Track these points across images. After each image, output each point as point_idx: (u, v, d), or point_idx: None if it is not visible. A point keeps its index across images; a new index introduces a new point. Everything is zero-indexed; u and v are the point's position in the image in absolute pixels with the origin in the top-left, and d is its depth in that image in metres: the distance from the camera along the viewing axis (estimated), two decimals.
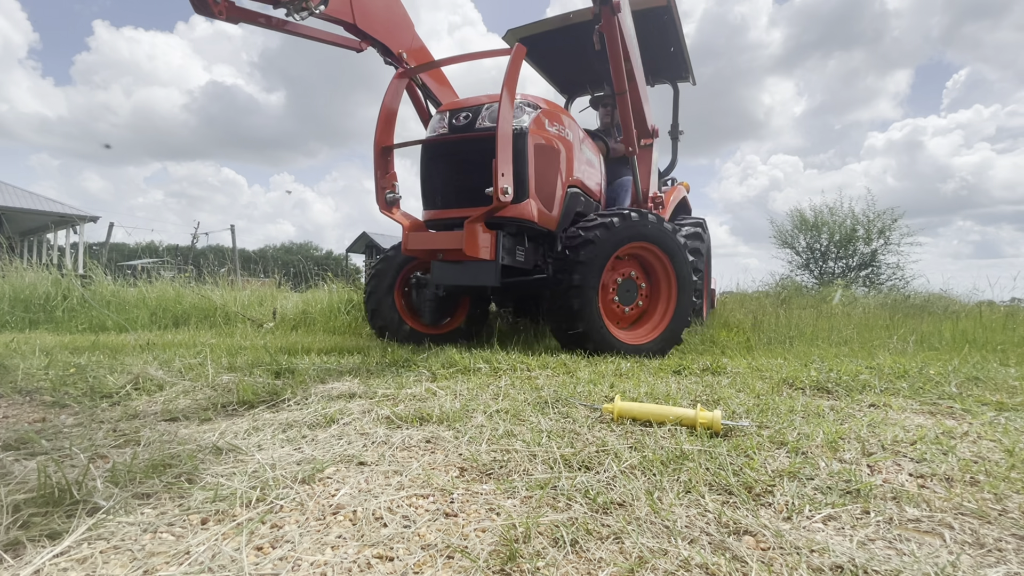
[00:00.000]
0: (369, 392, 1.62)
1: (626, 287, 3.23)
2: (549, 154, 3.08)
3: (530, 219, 2.95)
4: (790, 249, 17.68)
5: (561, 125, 3.21)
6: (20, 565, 0.65)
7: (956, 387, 1.82)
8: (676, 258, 3.27)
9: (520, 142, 2.89)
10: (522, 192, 2.88)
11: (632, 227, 3.06)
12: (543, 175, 3.04)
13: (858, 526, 0.83)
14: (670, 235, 3.22)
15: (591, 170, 3.63)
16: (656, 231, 3.16)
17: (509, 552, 0.71)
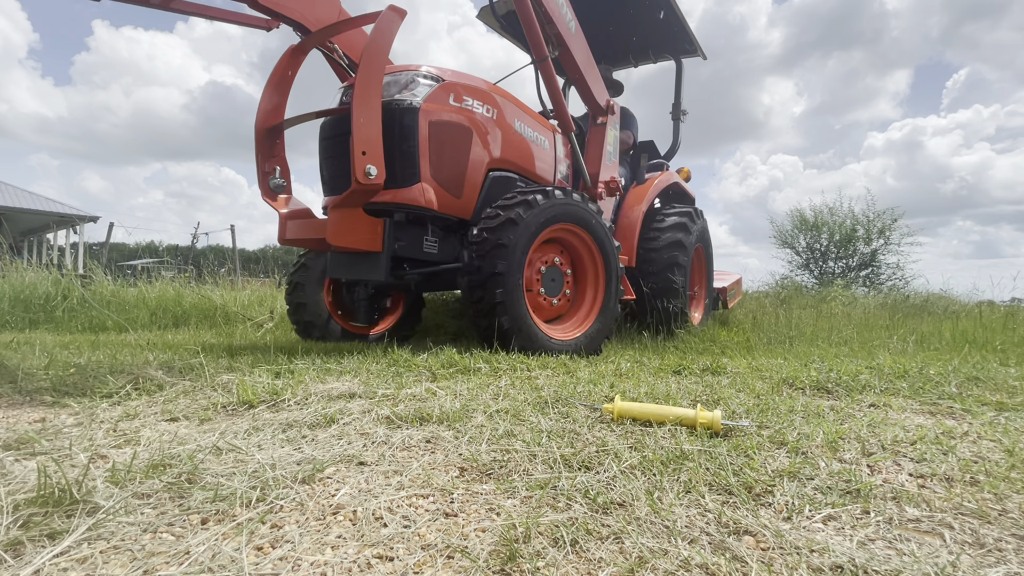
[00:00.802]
0: (369, 392, 1.62)
1: (551, 276, 2.91)
2: (454, 133, 2.75)
3: (422, 205, 2.63)
4: (790, 249, 17.69)
5: (476, 101, 2.85)
6: (20, 565, 0.65)
7: (956, 387, 1.82)
8: (604, 244, 3.00)
9: (408, 118, 2.60)
10: (411, 175, 2.60)
11: (557, 206, 2.75)
12: (445, 156, 2.72)
13: (858, 526, 0.83)
14: (597, 217, 2.96)
15: (538, 153, 3.28)
16: (583, 212, 2.87)
17: (509, 552, 0.71)
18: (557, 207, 2.75)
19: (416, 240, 2.83)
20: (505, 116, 3.04)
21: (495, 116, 2.96)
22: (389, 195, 2.59)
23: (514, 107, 3.11)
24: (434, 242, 2.92)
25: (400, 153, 2.61)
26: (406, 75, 2.71)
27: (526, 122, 3.21)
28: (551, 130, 3.44)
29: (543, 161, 3.34)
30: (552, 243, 2.94)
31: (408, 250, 2.78)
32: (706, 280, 4.82)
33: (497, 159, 2.98)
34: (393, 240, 2.68)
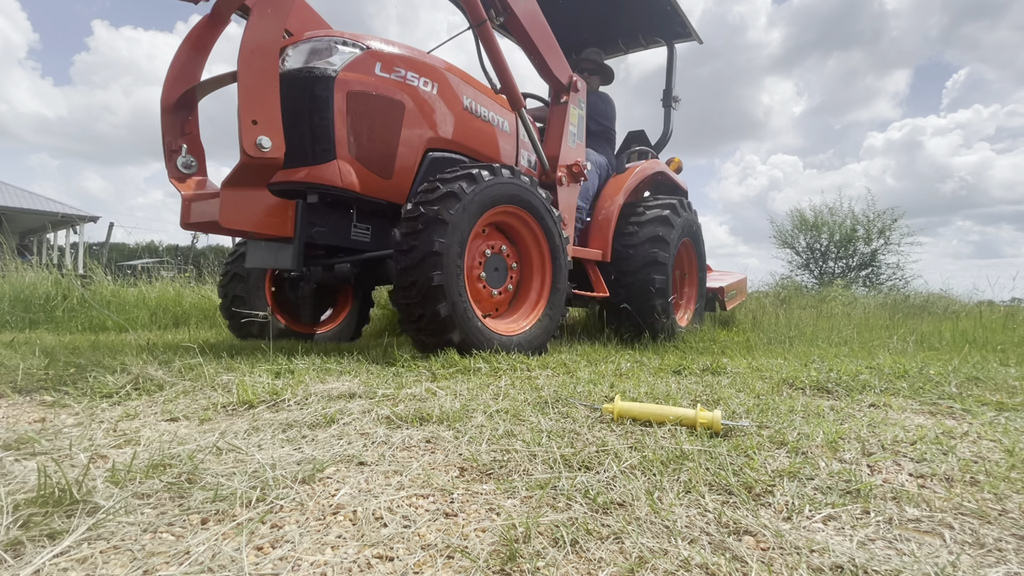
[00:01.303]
0: (369, 392, 1.62)
1: (494, 264, 2.61)
2: (382, 107, 2.45)
3: (339, 185, 2.35)
4: (790, 249, 17.71)
5: (411, 72, 2.54)
6: (20, 565, 0.65)
7: (956, 387, 1.82)
8: (551, 233, 2.72)
9: (321, 88, 2.32)
10: (324, 151, 2.33)
11: (505, 185, 2.47)
12: (370, 133, 2.42)
13: (858, 526, 0.83)
14: (547, 203, 2.70)
15: (495, 136, 3.00)
16: (531, 195, 2.60)
17: (509, 552, 0.71)
18: (505, 186, 2.48)
19: (341, 226, 2.56)
20: (450, 92, 2.72)
21: (435, 91, 2.64)
22: (302, 173, 2.33)
23: (464, 83, 2.81)
24: (365, 229, 2.66)
25: (312, 127, 2.33)
26: (323, 41, 2.42)
27: (480, 101, 2.91)
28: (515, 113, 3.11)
29: (502, 145, 3.06)
30: (495, 229, 2.68)
31: (331, 237, 2.52)
32: (696, 278, 4.38)
33: (438, 139, 2.68)
34: (308, 225, 2.41)
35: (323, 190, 2.41)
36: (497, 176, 2.46)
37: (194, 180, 2.52)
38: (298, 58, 2.38)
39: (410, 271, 2.22)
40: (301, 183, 2.36)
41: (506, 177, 2.50)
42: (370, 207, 2.65)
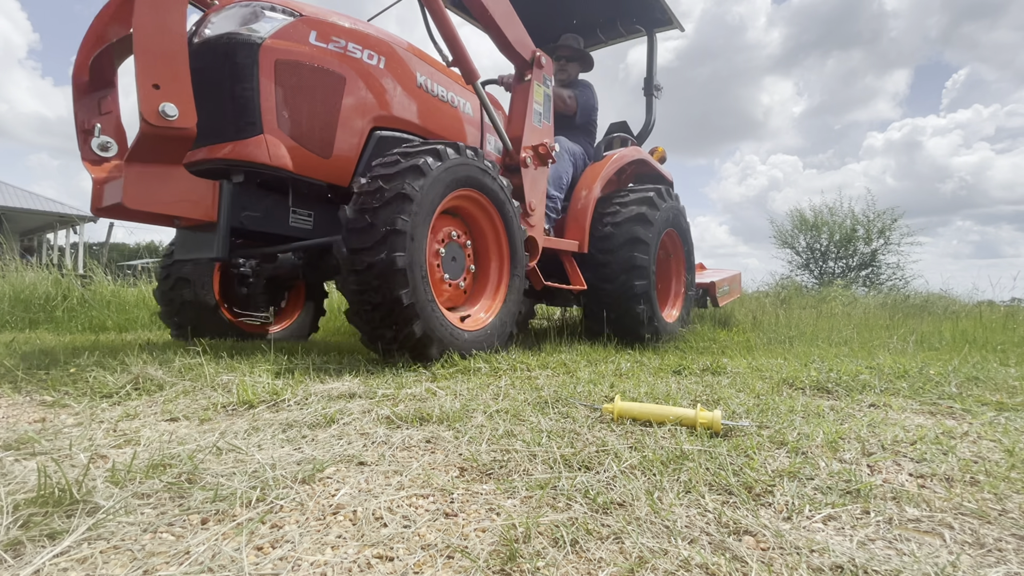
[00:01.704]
0: (369, 392, 1.62)
1: (451, 254, 2.38)
2: (318, 79, 2.25)
3: (266, 163, 2.11)
4: (790, 249, 17.72)
5: (353, 43, 2.35)
6: (20, 565, 0.65)
7: (956, 387, 1.83)
8: (509, 218, 2.53)
9: (244, 56, 2.10)
10: (248, 125, 2.11)
11: (469, 166, 2.30)
12: (304, 106, 2.22)
13: (858, 526, 0.83)
14: (504, 185, 2.52)
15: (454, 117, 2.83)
16: (490, 178, 2.42)
17: (509, 552, 0.71)
18: (468, 168, 2.30)
19: (276, 212, 2.34)
20: (400, 67, 2.53)
21: (383, 64, 2.45)
22: (224, 150, 2.10)
23: (417, 60, 2.64)
24: (306, 215, 2.44)
25: (234, 98, 2.11)
26: (249, 6, 2.22)
27: (437, 80, 2.74)
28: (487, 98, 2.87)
29: (462, 127, 2.89)
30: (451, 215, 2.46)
31: (265, 223, 2.29)
32: (684, 270, 4.04)
33: (387, 117, 2.49)
34: (237, 209, 2.18)
35: (250, 168, 2.16)
36: (462, 156, 2.29)
37: (112, 164, 2.23)
38: (220, 24, 2.18)
39: (367, 252, 1.96)
40: (224, 160, 2.12)
41: (470, 158, 2.33)
42: (309, 190, 2.45)
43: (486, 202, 2.45)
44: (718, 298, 4.69)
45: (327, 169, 2.33)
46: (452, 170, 2.22)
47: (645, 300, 3.31)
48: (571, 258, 3.42)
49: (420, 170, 2.07)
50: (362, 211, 2.01)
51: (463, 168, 2.28)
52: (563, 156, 3.51)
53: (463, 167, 2.28)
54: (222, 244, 2.15)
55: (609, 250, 3.38)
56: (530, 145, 2.99)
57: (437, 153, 2.17)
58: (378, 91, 2.45)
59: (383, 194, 2.01)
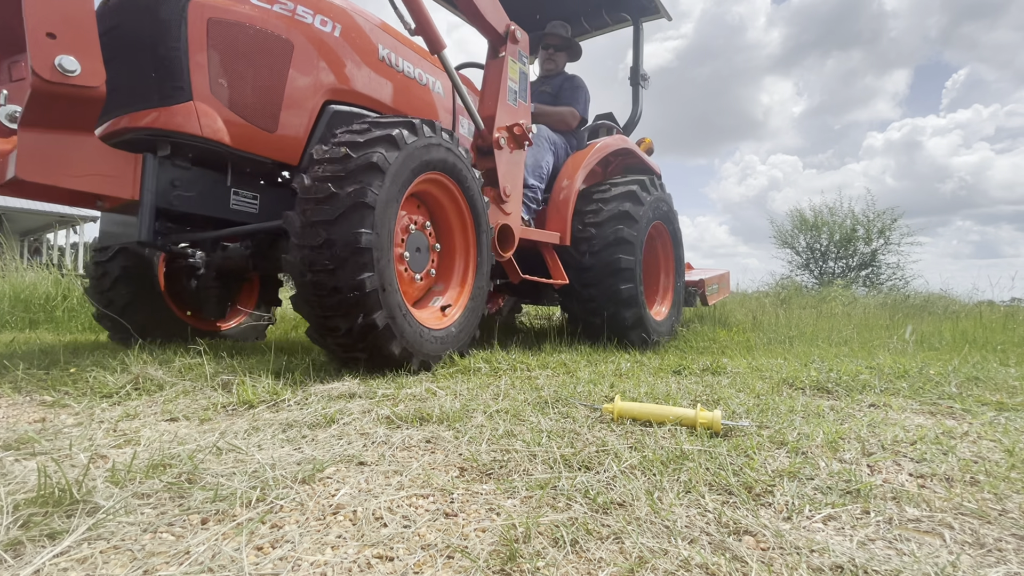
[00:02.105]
0: (369, 392, 1.62)
1: (415, 244, 2.16)
2: (260, 43, 2.04)
3: (196, 133, 1.89)
4: (790, 249, 17.71)
5: (300, 7, 2.16)
6: (20, 565, 0.66)
7: (956, 387, 1.83)
8: (477, 205, 2.31)
9: (168, 11, 1.87)
10: (174, 90, 1.87)
11: (443, 148, 2.11)
12: (243, 73, 2.00)
13: (858, 526, 0.83)
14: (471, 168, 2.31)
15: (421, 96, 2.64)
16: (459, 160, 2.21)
17: (509, 552, 0.71)
18: (441, 149, 2.10)
19: (215, 192, 2.10)
20: (359, 37, 2.35)
21: (338, 32, 2.27)
22: (148, 118, 1.87)
23: (380, 31, 2.47)
24: (251, 198, 2.19)
25: (157, 59, 1.88)
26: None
27: (404, 55, 2.56)
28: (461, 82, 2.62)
29: (433, 108, 2.71)
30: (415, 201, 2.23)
31: (202, 205, 2.05)
32: (673, 266, 3.84)
33: (343, 90, 2.30)
34: (166, 187, 1.94)
35: (177, 139, 1.93)
36: (437, 136, 2.09)
37: None
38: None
39: (326, 226, 1.72)
40: (147, 130, 1.88)
41: (446, 140, 2.14)
42: (254, 169, 2.23)
43: (456, 191, 2.24)
44: (708, 296, 4.53)
45: (272, 145, 2.12)
46: (427, 149, 2.01)
47: (632, 304, 3.13)
48: (552, 251, 3.22)
49: (394, 141, 1.87)
50: (323, 179, 1.77)
51: (438, 150, 2.07)
52: (543, 144, 3.31)
53: (438, 148, 2.08)
54: (147, 225, 1.87)
55: (592, 252, 3.19)
56: (504, 125, 2.73)
57: (413, 127, 1.98)
58: (332, 61, 2.24)
59: (350, 162, 1.78)
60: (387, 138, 1.87)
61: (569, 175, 3.32)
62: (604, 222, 3.20)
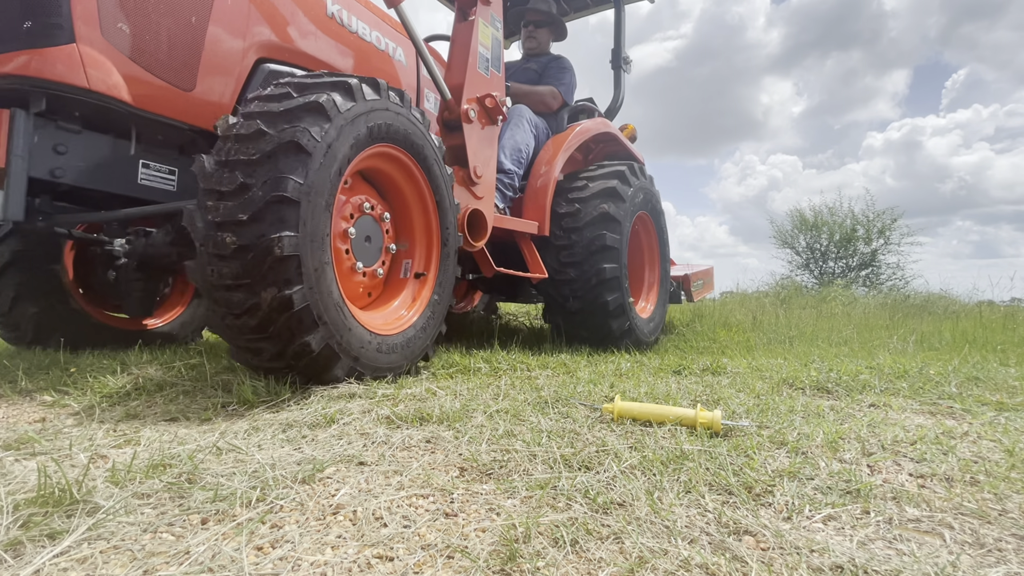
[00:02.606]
0: (369, 392, 1.62)
1: (364, 232, 1.81)
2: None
3: (80, 85, 1.52)
4: (790, 249, 17.72)
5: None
6: (20, 565, 0.66)
7: (956, 387, 1.83)
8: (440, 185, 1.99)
9: None
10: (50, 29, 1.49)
11: (394, 115, 1.75)
12: (149, 17, 1.65)
13: (858, 526, 0.83)
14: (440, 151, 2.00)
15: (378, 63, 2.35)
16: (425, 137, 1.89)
17: (509, 552, 0.71)
18: (393, 115, 1.74)
19: (114, 161, 1.72)
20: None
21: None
22: (15, 62, 1.49)
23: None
24: (167, 172, 1.84)
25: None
26: None
27: (357, 13, 2.26)
28: None
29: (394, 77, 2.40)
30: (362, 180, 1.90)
31: (95, 177, 1.69)
32: (658, 261, 3.59)
33: (278, 46, 1.97)
34: (48, 153, 1.58)
35: (56, 90, 1.53)
36: (383, 98, 1.71)
37: None
38: None
39: (236, 229, 1.37)
40: (13, 78, 1.50)
41: (394, 102, 1.76)
42: (168, 136, 1.85)
43: (413, 165, 1.88)
44: (692, 292, 4.34)
45: (189, 107, 1.76)
46: (369, 116, 1.64)
47: (616, 287, 2.86)
48: (530, 242, 2.95)
49: (323, 111, 1.48)
50: (231, 165, 1.41)
51: (384, 115, 1.70)
52: (524, 125, 3.03)
53: (384, 114, 1.70)
54: (17, 200, 1.50)
55: (574, 228, 2.92)
56: (474, 96, 2.41)
57: (348, 89, 1.58)
58: (267, 10, 1.91)
59: (265, 141, 1.41)
60: (314, 107, 1.47)
61: (548, 159, 3.05)
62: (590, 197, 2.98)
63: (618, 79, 3.89)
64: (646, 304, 3.53)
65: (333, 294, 1.54)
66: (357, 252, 1.78)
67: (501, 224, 2.68)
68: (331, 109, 1.52)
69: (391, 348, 1.75)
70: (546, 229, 2.97)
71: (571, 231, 2.93)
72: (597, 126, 3.41)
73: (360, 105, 1.62)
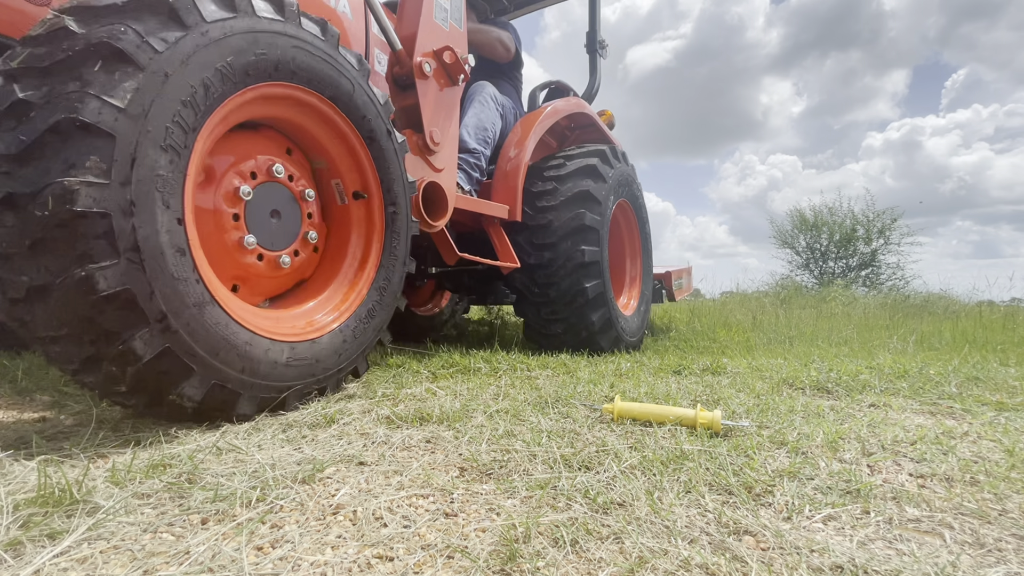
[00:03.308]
0: (369, 392, 1.62)
1: (271, 202, 1.42)
2: None
3: None
4: (790, 249, 17.72)
5: None
6: (20, 565, 0.66)
7: (956, 387, 1.83)
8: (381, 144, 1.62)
9: None
10: None
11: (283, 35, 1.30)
12: None
13: (858, 526, 0.83)
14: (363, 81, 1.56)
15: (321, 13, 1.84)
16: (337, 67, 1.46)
17: (509, 552, 0.71)
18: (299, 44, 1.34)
19: None
20: None
21: None
22: None
23: None
24: None
25: None
26: None
27: None
28: None
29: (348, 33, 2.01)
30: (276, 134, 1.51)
31: None
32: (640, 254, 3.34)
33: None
34: None
35: None
36: (288, 22, 1.32)
37: None
38: None
39: (4, 168, 0.95)
40: None
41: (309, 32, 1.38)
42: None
43: (337, 116, 1.49)
44: (674, 291, 4.05)
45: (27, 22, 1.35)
46: (260, 39, 1.23)
47: (596, 273, 2.61)
48: (499, 228, 2.69)
49: (175, 15, 1.09)
50: (12, 75, 0.99)
51: (286, 43, 1.29)
52: (488, 103, 2.78)
53: (286, 41, 1.29)
54: None
55: (550, 207, 2.67)
56: (430, 50, 2.11)
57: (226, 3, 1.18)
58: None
59: (71, 43, 0.99)
60: (161, 6, 1.07)
61: (518, 142, 2.77)
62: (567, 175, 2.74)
63: (594, 63, 3.65)
64: (628, 300, 3.28)
65: (195, 291, 1.11)
66: (258, 230, 1.38)
67: (467, 206, 2.37)
68: (188, 14, 1.10)
69: (292, 364, 1.34)
70: (517, 213, 2.70)
71: (547, 210, 2.68)
72: (572, 106, 3.15)
73: (243, 20, 1.19)
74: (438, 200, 2.14)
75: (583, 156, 2.85)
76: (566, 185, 2.73)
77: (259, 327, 1.29)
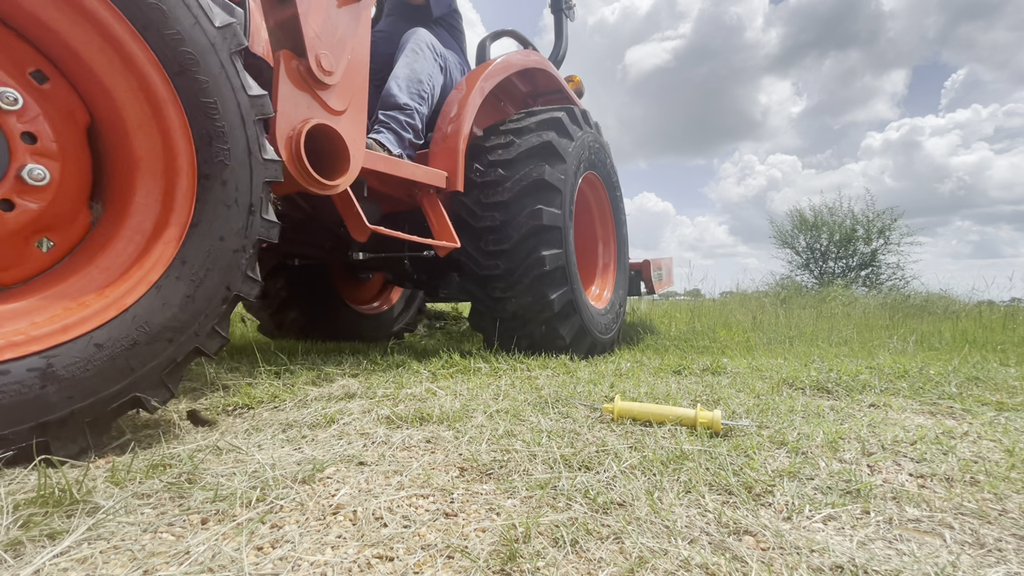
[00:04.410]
0: (369, 392, 1.62)
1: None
2: None
3: None
4: (790, 249, 17.72)
5: None
6: (20, 565, 0.65)
7: (956, 387, 1.82)
8: (186, 53, 1.09)
9: None
10: None
11: None
12: None
13: (858, 526, 0.83)
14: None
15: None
16: None
17: (509, 552, 0.71)
18: None
19: None
20: None
21: None
22: None
23: None
24: None
25: None
26: None
27: None
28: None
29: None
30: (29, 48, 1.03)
31: None
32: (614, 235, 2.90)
33: None
34: None
35: None
36: None
37: None
38: None
39: None
40: None
41: None
42: None
43: None
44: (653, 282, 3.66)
45: None
46: None
47: (561, 279, 2.25)
48: (436, 201, 2.21)
49: None
50: None
51: None
52: (424, 51, 2.31)
53: None
54: None
55: (498, 203, 2.24)
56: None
57: None
58: None
59: None
60: None
61: (461, 100, 2.32)
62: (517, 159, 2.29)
63: (559, 25, 3.24)
64: (600, 290, 2.84)
65: None
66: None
67: (387, 168, 1.91)
68: None
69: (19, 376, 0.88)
70: (458, 182, 2.23)
71: (494, 207, 2.21)
72: (530, 61, 2.60)
73: None
74: (335, 150, 1.65)
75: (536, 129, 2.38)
76: (524, 137, 2.33)
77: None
